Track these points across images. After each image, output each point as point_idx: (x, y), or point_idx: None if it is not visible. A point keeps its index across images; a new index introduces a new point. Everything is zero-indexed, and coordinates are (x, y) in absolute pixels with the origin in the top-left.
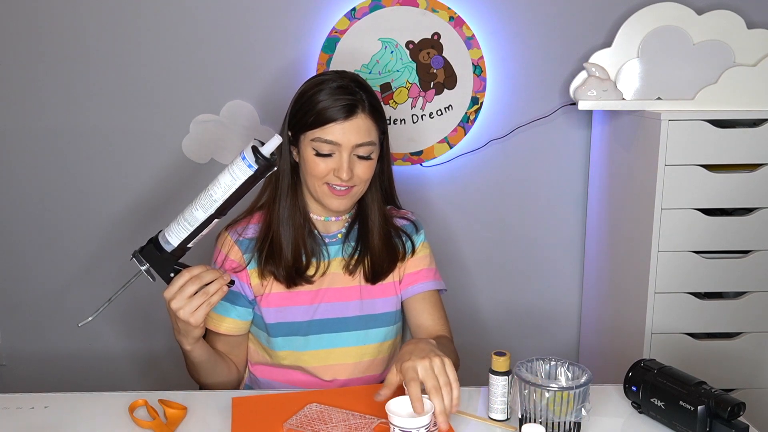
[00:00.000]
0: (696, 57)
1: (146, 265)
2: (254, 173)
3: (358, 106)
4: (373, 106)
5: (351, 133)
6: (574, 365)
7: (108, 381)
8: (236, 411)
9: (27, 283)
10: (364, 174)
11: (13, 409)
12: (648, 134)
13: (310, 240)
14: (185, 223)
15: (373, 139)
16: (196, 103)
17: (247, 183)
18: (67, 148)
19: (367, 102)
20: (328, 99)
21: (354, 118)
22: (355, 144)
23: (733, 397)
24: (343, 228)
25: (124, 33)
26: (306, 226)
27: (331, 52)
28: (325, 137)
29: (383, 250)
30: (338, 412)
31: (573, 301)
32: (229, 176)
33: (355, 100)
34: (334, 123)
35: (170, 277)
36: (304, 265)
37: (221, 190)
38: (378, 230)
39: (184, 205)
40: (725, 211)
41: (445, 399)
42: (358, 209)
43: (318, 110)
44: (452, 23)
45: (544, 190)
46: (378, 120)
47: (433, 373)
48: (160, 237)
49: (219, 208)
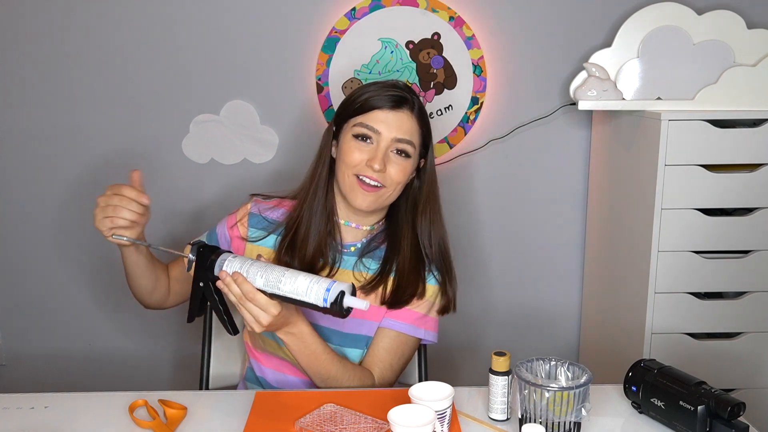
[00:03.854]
0: (696, 57)
1: (193, 259)
2: (321, 306)
3: (406, 102)
4: (422, 111)
5: (394, 124)
6: (574, 365)
7: (108, 381)
8: (256, 405)
9: (27, 283)
10: (397, 175)
11: (13, 409)
12: (648, 134)
13: (330, 240)
14: (244, 271)
15: (414, 141)
16: (196, 103)
17: (309, 305)
18: (66, 148)
19: (417, 105)
20: (377, 91)
21: (400, 111)
22: (395, 137)
23: (733, 397)
24: (359, 243)
25: (124, 33)
26: (328, 226)
27: (331, 52)
28: (368, 122)
29: (411, 277)
30: (351, 414)
31: (573, 301)
32: (305, 285)
33: (405, 96)
34: (379, 110)
35: (199, 286)
36: (320, 265)
37: (291, 286)
38: (409, 256)
39: (185, 204)
40: (725, 211)
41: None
42: (387, 229)
43: (365, 98)
44: (452, 23)
45: (544, 190)
46: (423, 127)
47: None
48: (222, 257)
49: (275, 294)
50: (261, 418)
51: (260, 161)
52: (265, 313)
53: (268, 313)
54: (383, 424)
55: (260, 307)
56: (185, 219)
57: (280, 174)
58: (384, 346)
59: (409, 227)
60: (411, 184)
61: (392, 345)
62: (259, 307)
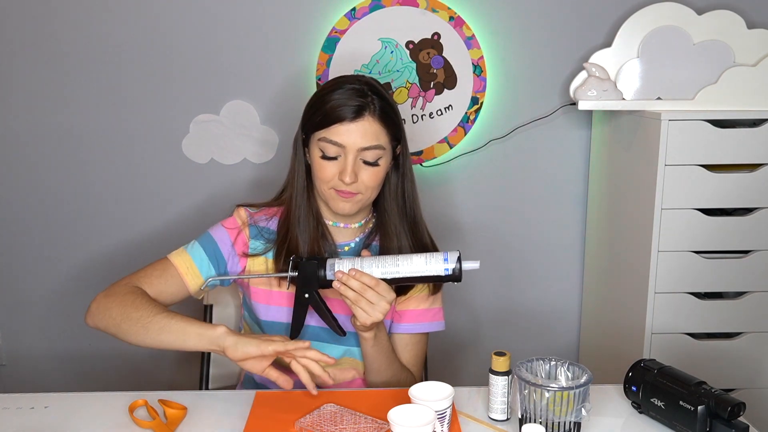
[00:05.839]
0: (696, 57)
1: (295, 274)
2: (443, 276)
3: (366, 109)
4: (383, 110)
5: (357, 134)
6: (574, 365)
7: (108, 381)
8: (256, 405)
9: (27, 283)
10: (370, 181)
11: (13, 409)
12: (648, 134)
13: (324, 243)
14: (357, 266)
15: (380, 144)
16: (196, 103)
17: (430, 278)
18: (66, 148)
19: (378, 106)
20: (338, 99)
21: (361, 120)
22: (360, 147)
23: (733, 397)
24: (352, 242)
25: (124, 33)
26: (319, 229)
27: (331, 52)
28: (331, 138)
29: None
30: (352, 414)
31: (573, 301)
32: (422, 261)
33: (365, 102)
34: (341, 123)
35: (304, 297)
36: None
37: (408, 267)
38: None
39: (185, 204)
40: (725, 211)
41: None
42: (377, 223)
43: (326, 110)
44: (452, 23)
45: (544, 191)
46: (388, 125)
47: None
48: (329, 262)
49: (394, 279)
50: (261, 418)
51: (260, 161)
52: (385, 300)
53: (387, 299)
54: (383, 424)
55: (381, 293)
56: (185, 219)
57: (280, 174)
58: (409, 350)
59: (396, 215)
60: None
61: (415, 348)
62: (380, 293)
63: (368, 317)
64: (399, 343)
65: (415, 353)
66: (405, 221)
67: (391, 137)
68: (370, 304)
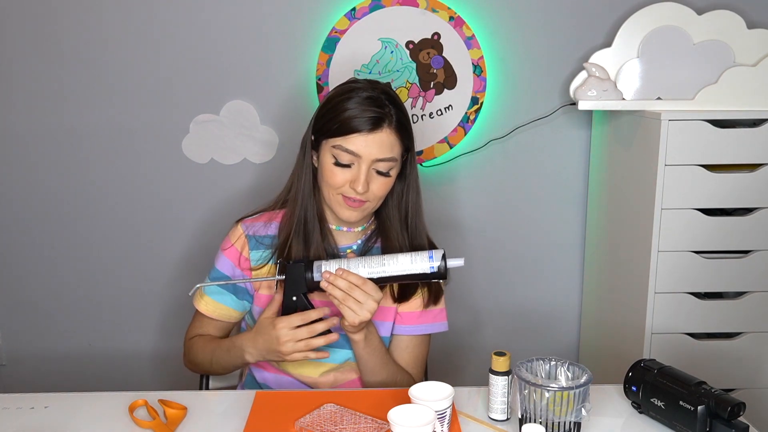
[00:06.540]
0: (696, 57)
1: (282, 277)
2: (429, 274)
3: (384, 120)
4: (400, 122)
5: (374, 146)
6: (574, 365)
7: (108, 381)
8: (256, 405)
9: (27, 283)
10: (379, 191)
11: (13, 409)
12: (648, 134)
13: (326, 245)
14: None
15: (395, 156)
16: (196, 103)
17: (416, 276)
18: (66, 148)
19: (395, 117)
20: (355, 108)
21: (379, 131)
22: (375, 158)
23: (733, 397)
24: (354, 244)
25: (123, 33)
26: (323, 232)
27: (331, 52)
28: (347, 147)
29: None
30: (352, 414)
31: (573, 301)
32: (408, 259)
33: (383, 113)
34: (358, 134)
35: (292, 300)
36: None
37: (395, 265)
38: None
39: (184, 204)
40: (725, 211)
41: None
42: (378, 227)
43: (343, 118)
44: (452, 23)
45: (545, 191)
46: (403, 137)
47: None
48: (315, 264)
49: (381, 278)
50: (261, 418)
51: (260, 161)
52: (372, 299)
53: (375, 298)
54: (383, 424)
55: (368, 291)
56: (185, 219)
57: (280, 174)
58: (409, 351)
59: (397, 221)
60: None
61: (415, 350)
62: (367, 292)
63: (356, 316)
64: (400, 345)
65: (415, 355)
66: (405, 231)
67: (404, 148)
68: (358, 303)
